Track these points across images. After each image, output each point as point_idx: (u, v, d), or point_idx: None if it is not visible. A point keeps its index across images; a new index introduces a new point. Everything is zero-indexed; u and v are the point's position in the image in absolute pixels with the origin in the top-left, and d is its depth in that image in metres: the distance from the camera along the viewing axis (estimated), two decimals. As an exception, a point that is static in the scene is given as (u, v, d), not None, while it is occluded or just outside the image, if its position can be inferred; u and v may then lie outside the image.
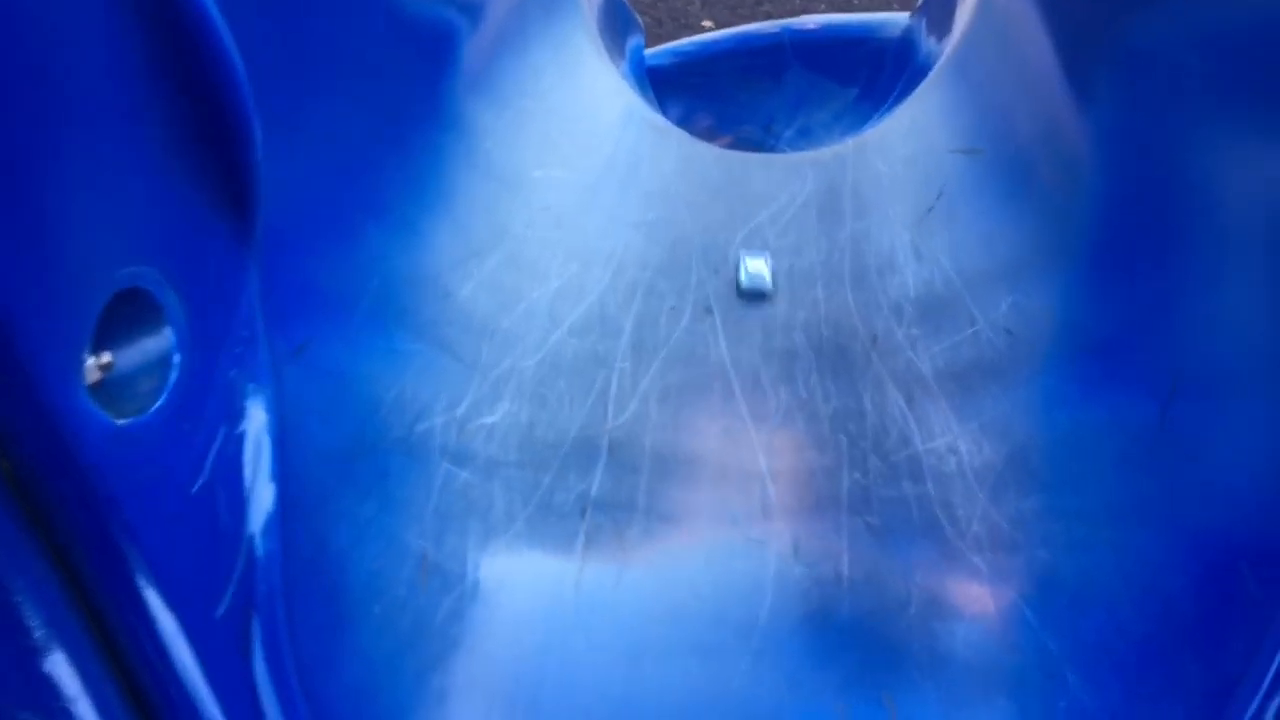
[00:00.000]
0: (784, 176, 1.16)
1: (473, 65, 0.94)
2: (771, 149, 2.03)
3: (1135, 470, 0.59)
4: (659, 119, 1.36)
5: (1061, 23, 0.93)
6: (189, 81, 0.48)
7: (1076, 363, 0.70)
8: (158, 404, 0.46)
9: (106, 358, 0.45)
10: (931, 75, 1.23)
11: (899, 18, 1.99)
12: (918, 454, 0.73)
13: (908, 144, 1.15)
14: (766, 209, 1.10)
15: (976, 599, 0.62)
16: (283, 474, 0.54)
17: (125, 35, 0.44)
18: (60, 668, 0.43)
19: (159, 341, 0.48)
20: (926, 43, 1.68)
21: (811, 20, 2.16)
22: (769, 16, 3.01)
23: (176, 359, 0.48)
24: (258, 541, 0.52)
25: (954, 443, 0.72)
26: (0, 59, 0.36)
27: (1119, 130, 0.78)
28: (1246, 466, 0.53)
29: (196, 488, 0.49)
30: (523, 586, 0.63)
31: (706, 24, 2.97)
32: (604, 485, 0.71)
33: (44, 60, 0.39)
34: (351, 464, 0.60)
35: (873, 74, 1.90)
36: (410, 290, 0.74)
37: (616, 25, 1.80)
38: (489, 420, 0.72)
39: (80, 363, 0.42)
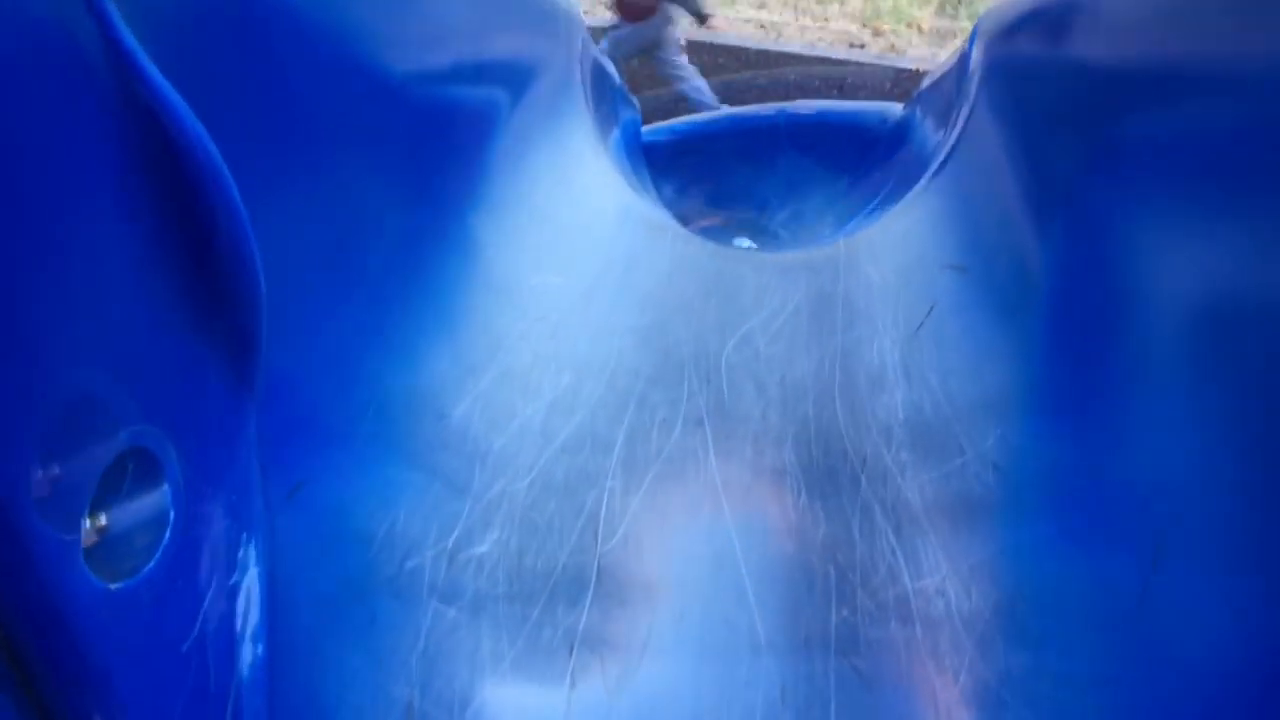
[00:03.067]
0: (776, 279, 1.17)
1: (478, 176, 0.95)
2: (764, 230, 2.05)
3: (1120, 637, 0.60)
4: (655, 214, 1.38)
5: (1029, 150, 0.95)
6: (190, 229, 0.48)
7: (1062, 510, 0.70)
8: (151, 564, 0.46)
9: (103, 520, 0.45)
10: (921, 184, 1.25)
11: (893, 108, 2.02)
12: (906, 593, 0.73)
13: (899, 253, 1.17)
14: (758, 314, 1.11)
15: (964, 763, 0.62)
16: (272, 624, 0.54)
17: (133, 197, 0.45)
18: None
19: (155, 499, 0.48)
20: (918, 136, 1.70)
21: (807, 105, 2.20)
22: (764, 92, 3.05)
23: (172, 516, 0.48)
24: (244, 697, 0.52)
25: (942, 584, 0.73)
26: (8, 228, 0.37)
27: (1069, 256, 0.80)
28: (1230, 640, 0.54)
29: (186, 646, 0.49)
30: None
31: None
32: (592, 619, 0.71)
33: (51, 221, 0.40)
34: (342, 610, 0.60)
35: (865, 163, 1.93)
36: (406, 415, 0.74)
37: (610, 105, 1.82)
38: (479, 550, 0.72)
39: (79, 528, 0.42)
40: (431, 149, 0.85)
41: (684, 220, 1.79)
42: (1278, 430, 0.52)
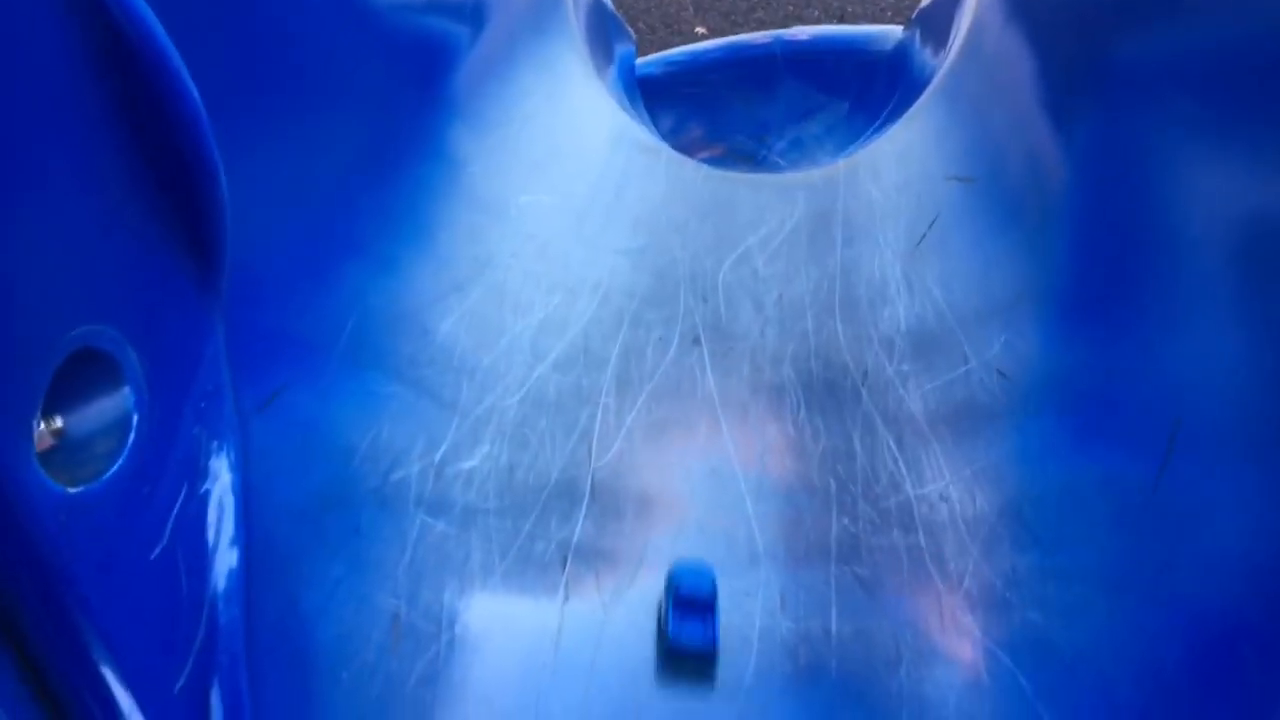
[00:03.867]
0: (774, 199, 1.14)
1: (458, 90, 0.92)
2: (764, 160, 2.02)
3: (1130, 533, 0.58)
4: (648, 138, 1.34)
5: (1045, 53, 0.91)
6: (144, 119, 0.45)
7: (1070, 411, 0.68)
8: (114, 468, 0.44)
9: (58, 422, 0.43)
10: (924, 97, 1.21)
11: (892, 30, 1.97)
12: (908, 500, 0.71)
13: (900, 169, 1.13)
14: (755, 233, 1.08)
15: (970, 663, 0.60)
16: (248, 535, 0.52)
17: (76, 74, 0.42)
18: (8, 750, 0.41)
19: (116, 402, 0.46)
20: (920, 56, 1.66)
21: (803, 31, 2.15)
22: (762, 23, 2.99)
23: (135, 419, 0.46)
24: (220, 608, 0.50)
25: (946, 490, 0.71)
26: None
27: (1097, 162, 0.76)
28: (1247, 536, 0.52)
29: (155, 554, 0.47)
30: (498, 647, 0.61)
31: (700, 30, 2.95)
32: (586, 531, 0.69)
33: None
34: (321, 520, 0.58)
35: (865, 87, 1.89)
36: (388, 329, 0.72)
37: (605, 35, 1.78)
38: (468, 465, 0.70)
39: (30, 429, 0.40)
40: (402, 63, 0.82)
41: (682, 152, 1.75)
42: None
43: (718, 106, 2.15)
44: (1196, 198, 0.62)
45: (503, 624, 0.63)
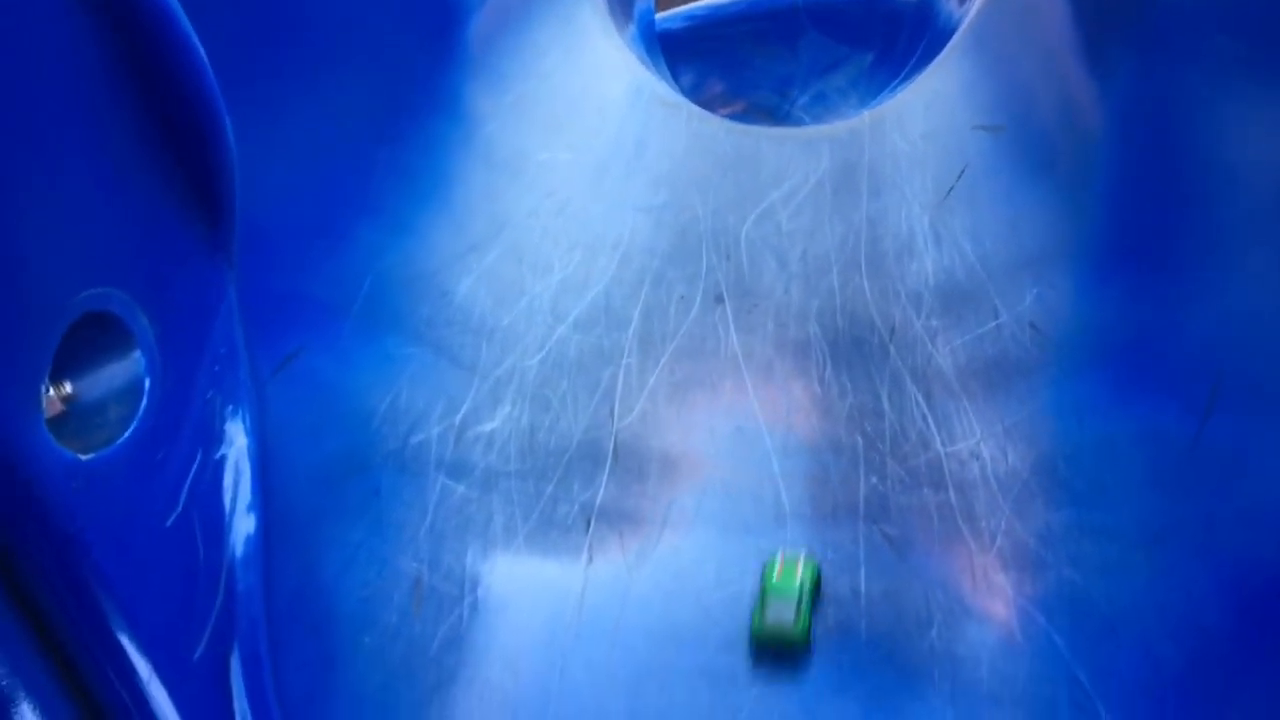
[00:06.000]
0: (798, 153, 1.12)
1: (473, 45, 0.90)
2: (786, 115, 1.98)
3: (1170, 487, 0.56)
4: (669, 93, 1.32)
5: (1066, 19, 0.88)
6: (150, 80, 0.44)
7: (1107, 365, 0.66)
8: (126, 434, 0.43)
9: (68, 388, 0.43)
10: (950, 46, 1.18)
11: (917, -21, 1.93)
12: (938, 458, 0.70)
13: (927, 119, 1.10)
14: (779, 188, 1.06)
15: (1003, 623, 0.59)
16: (265, 500, 0.51)
17: (79, 33, 0.41)
18: (27, 718, 0.40)
19: (127, 367, 0.45)
20: (946, 5, 1.62)
21: (827, -18, 2.10)
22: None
23: (147, 384, 0.45)
24: (238, 574, 0.49)
25: (976, 447, 0.69)
26: None
27: (1136, 105, 0.74)
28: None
29: (171, 520, 0.46)
30: (522, 610, 0.61)
31: (719, -16, 2.90)
32: (609, 493, 0.68)
33: None
34: (341, 484, 0.58)
35: (889, 38, 1.85)
36: (405, 291, 0.71)
37: None
38: (488, 427, 0.69)
39: (38, 395, 0.39)
40: (413, 17, 0.80)
41: (704, 108, 1.72)
42: None
43: (739, 61, 2.11)
44: (1239, 146, 0.59)
45: (526, 587, 0.62)
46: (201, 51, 0.45)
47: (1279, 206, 0.55)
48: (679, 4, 2.22)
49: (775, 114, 1.98)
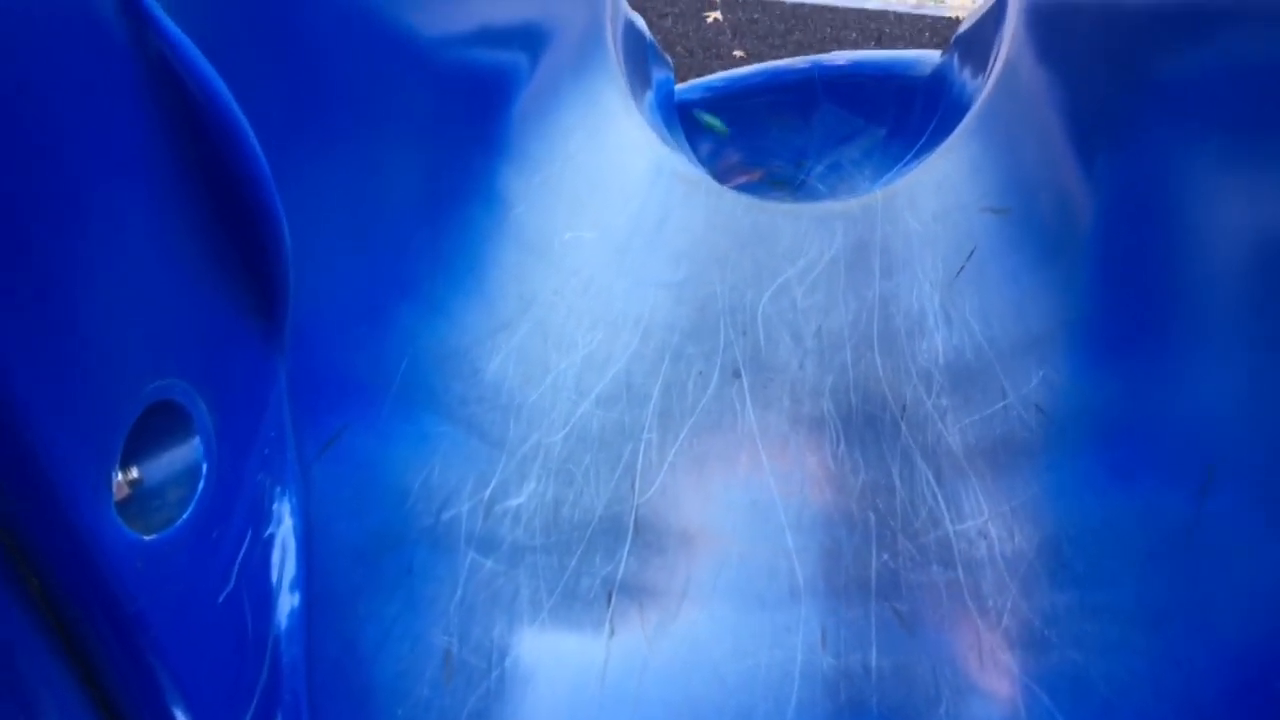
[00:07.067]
0: (813, 230, 1.16)
1: (507, 130, 0.94)
2: (801, 185, 2.03)
3: (1169, 568, 0.58)
4: (688, 168, 1.36)
5: (1074, 88, 0.92)
6: (212, 174, 0.48)
7: (1107, 447, 0.68)
8: (185, 515, 0.46)
9: (135, 473, 0.46)
10: (959, 130, 1.22)
11: (929, 54, 1.98)
12: (948, 536, 0.72)
13: (937, 199, 1.14)
14: (794, 265, 1.09)
15: (1008, 701, 0.61)
16: (308, 575, 0.54)
17: (153, 140, 0.44)
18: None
19: (187, 452, 0.48)
20: (959, 81, 1.66)
21: (841, 56, 2.15)
22: (800, 46, 3.00)
23: (204, 468, 0.48)
24: (283, 648, 0.52)
25: (984, 526, 0.71)
26: (25, 168, 0.37)
27: (1122, 196, 0.77)
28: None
29: (223, 597, 0.49)
30: (547, 681, 0.63)
31: (738, 54, 2.97)
32: (630, 567, 0.71)
33: (70, 169, 0.39)
34: (378, 560, 0.60)
35: (903, 112, 1.89)
36: (439, 369, 0.74)
37: (643, 64, 1.80)
38: (515, 502, 0.72)
39: (110, 481, 0.42)
40: (457, 107, 0.84)
41: (721, 178, 1.76)
42: None
43: (756, 131, 2.16)
44: (1223, 229, 0.62)
45: (550, 659, 0.65)
46: (257, 145, 0.48)
47: (1265, 295, 0.57)
48: (698, 74, 2.28)
49: (791, 184, 2.03)
